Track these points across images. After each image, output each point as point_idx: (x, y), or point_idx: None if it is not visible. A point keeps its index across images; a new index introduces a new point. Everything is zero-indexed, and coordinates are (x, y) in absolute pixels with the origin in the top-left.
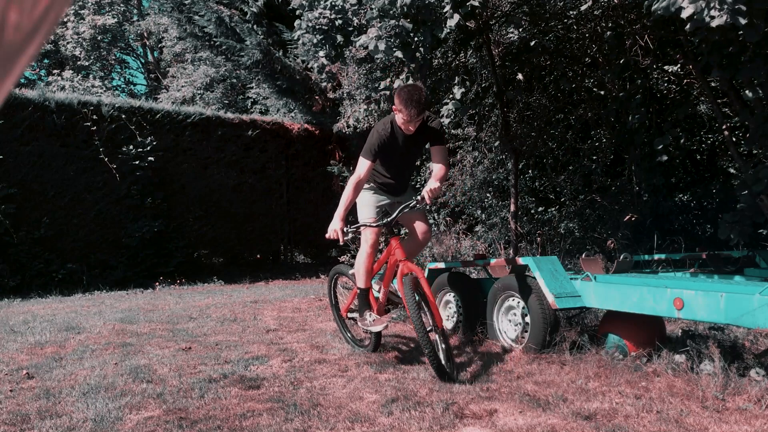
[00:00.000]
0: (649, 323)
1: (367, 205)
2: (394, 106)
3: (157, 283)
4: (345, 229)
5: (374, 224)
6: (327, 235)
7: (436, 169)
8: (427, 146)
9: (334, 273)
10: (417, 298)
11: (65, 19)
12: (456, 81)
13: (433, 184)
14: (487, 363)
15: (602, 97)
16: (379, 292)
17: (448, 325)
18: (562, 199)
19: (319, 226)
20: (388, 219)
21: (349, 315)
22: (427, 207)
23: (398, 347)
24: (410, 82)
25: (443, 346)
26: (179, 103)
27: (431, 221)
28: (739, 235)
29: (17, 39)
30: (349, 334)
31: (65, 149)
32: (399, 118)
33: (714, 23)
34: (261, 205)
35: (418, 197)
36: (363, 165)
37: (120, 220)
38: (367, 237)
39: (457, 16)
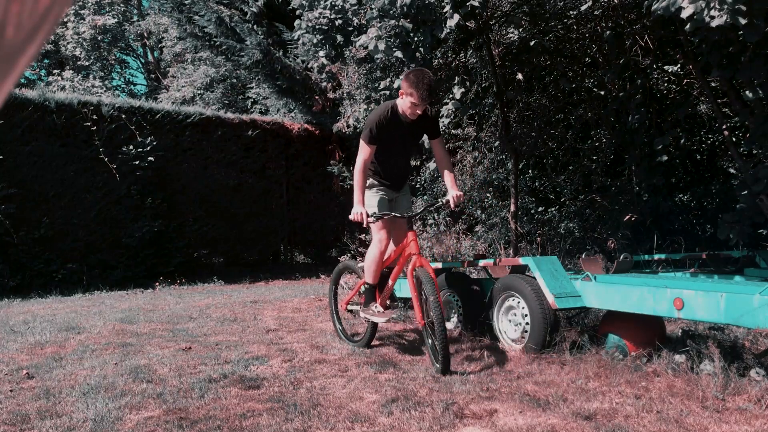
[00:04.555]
0: (649, 323)
1: (369, 206)
2: (400, 91)
3: (157, 283)
4: (371, 213)
5: (399, 215)
6: (351, 217)
7: (448, 175)
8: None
9: (341, 268)
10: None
11: (65, 19)
12: (456, 81)
13: (456, 191)
14: (488, 363)
15: (602, 97)
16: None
17: (448, 325)
18: (562, 199)
19: (319, 226)
20: (414, 213)
21: (350, 307)
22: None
23: (398, 347)
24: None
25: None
26: (179, 103)
27: (431, 221)
28: (739, 235)
29: (18, 39)
30: (340, 327)
31: (65, 149)
32: (407, 101)
33: (714, 23)
34: (261, 205)
35: (445, 200)
36: (364, 149)
37: (120, 220)
38: (381, 237)
39: (457, 16)
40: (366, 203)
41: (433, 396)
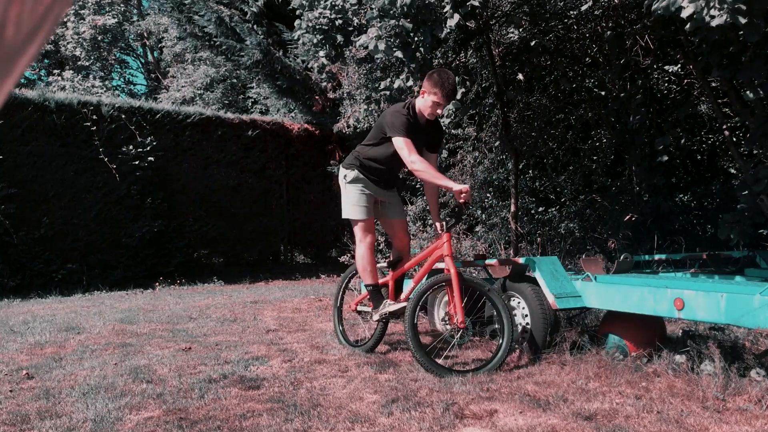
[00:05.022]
0: (650, 323)
1: (358, 204)
2: (422, 90)
3: (157, 284)
4: (449, 224)
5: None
6: (459, 189)
7: (434, 198)
8: None
9: (353, 270)
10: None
11: (65, 19)
12: (456, 81)
13: (461, 185)
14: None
15: (602, 97)
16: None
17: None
18: (563, 200)
19: (319, 226)
20: (451, 225)
21: (359, 308)
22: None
23: (398, 347)
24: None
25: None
26: (179, 103)
27: (431, 221)
28: (740, 235)
29: (18, 39)
30: (341, 327)
31: (65, 149)
32: (428, 101)
33: (714, 23)
34: (261, 205)
35: (461, 202)
36: (406, 143)
37: (120, 220)
38: (365, 238)
39: (457, 16)
40: (350, 200)
41: (433, 396)
